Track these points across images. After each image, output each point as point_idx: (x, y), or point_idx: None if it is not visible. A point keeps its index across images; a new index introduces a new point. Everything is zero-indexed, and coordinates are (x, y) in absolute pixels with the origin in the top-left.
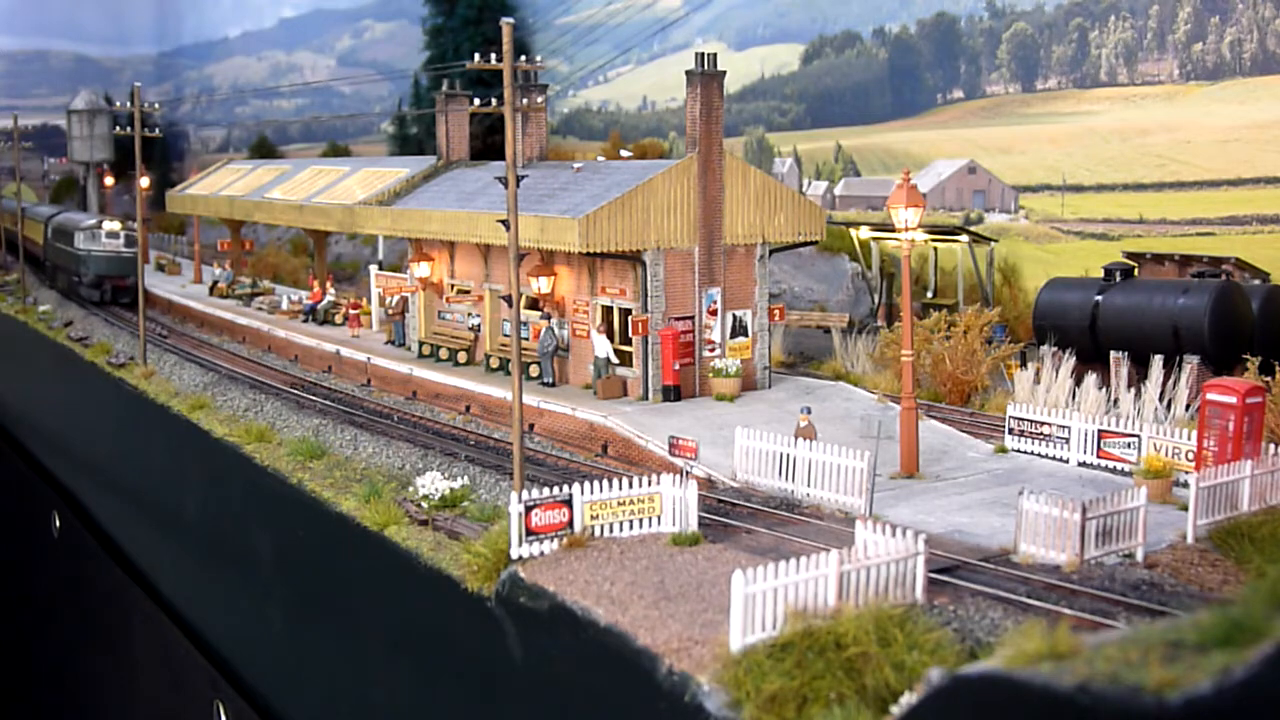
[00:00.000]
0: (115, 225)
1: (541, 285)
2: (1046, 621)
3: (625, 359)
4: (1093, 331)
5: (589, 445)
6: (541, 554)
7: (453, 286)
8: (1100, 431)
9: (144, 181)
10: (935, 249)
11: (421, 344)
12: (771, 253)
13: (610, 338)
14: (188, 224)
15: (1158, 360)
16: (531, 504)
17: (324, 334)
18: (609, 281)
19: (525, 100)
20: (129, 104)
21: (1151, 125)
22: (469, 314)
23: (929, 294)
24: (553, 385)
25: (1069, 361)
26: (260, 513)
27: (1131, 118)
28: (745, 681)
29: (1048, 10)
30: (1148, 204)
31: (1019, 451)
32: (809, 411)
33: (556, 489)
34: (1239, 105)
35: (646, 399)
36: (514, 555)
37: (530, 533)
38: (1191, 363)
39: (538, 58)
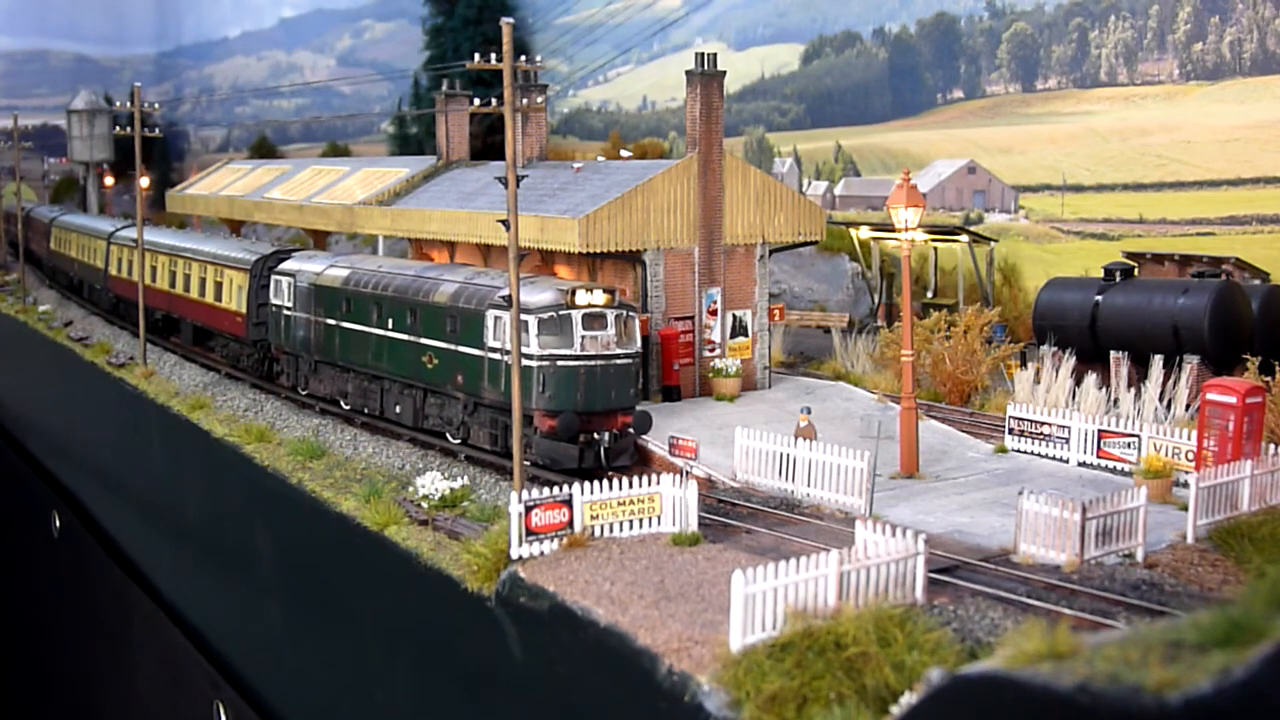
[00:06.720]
0: (598, 296)
1: None
2: (1046, 621)
3: None
4: (1093, 331)
5: None
6: (541, 554)
7: None
8: (1100, 431)
9: (144, 181)
10: (935, 249)
11: None
12: (771, 253)
13: None
14: (188, 224)
15: (1158, 360)
16: (531, 504)
17: None
18: (609, 281)
19: (525, 100)
20: (129, 104)
21: (1151, 125)
22: None
23: (929, 294)
24: None
25: (1069, 361)
26: (260, 513)
27: (1131, 118)
28: (745, 681)
29: (1048, 10)
30: (1148, 204)
31: (1019, 451)
32: (809, 411)
33: (556, 489)
34: (1239, 105)
35: (646, 399)
36: (514, 555)
37: (530, 533)
38: (1191, 363)
39: (538, 58)
